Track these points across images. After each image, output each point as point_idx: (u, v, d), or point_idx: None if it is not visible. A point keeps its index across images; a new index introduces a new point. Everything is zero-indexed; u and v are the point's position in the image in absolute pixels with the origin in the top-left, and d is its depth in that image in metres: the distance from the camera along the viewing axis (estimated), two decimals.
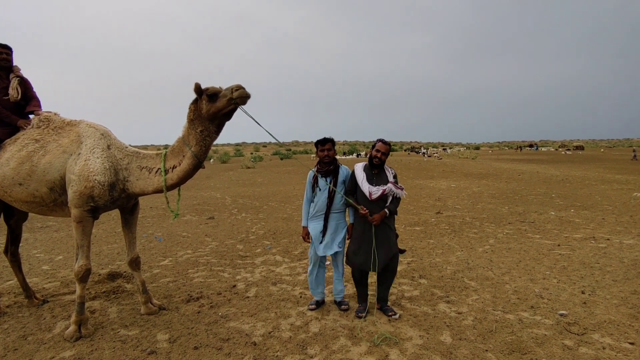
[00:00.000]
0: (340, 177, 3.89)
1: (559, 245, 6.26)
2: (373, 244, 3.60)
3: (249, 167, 28.47)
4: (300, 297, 4.25)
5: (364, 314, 3.68)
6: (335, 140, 3.97)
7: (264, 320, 3.68)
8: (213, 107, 3.21)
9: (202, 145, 3.32)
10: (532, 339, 3.27)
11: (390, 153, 3.89)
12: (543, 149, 57.15)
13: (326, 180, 3.85)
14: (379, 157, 3.68)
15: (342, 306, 3.89)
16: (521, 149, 58.47)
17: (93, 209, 3.40)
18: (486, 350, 3.09)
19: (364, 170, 3.74)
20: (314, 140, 3.96)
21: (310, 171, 4.04)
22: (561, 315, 3.69)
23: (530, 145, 60.52)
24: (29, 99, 3.92)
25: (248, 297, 4.29)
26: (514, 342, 3.20)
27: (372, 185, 3.64)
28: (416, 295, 4.24)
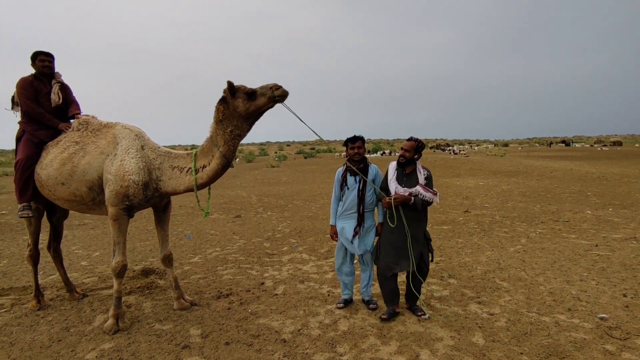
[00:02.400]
0: (370, 176, 3.86)
1: (596, 245, 5.99)
2: (408, 240, 3.52)
3: (273, 166, 28.76)
4: (328, 295, 4.26)
5: (386, 316, 3.58)
6: (357, 136, 3.95)
7: (292, 317, 3.71)
8: (253, 105, 3.26)
9: (230, 145, 3.38)
10: (570, 342, 3.15)
11: (424, 148, 3.74)
12: (577, 145, 54.73)
13: (355, 179, 3.84)
14: (403, 155, 3.60)
15: (371, 305, 3.87)
16: (550, 145, 56.24)
17: (128, 207, 3.53)
18: (521, 353, 3.00)
19: (396, 169, 3.69)
20: (337, 139, 3.95)
21: (339, 169, 4.04)
22: (601, 318, 3.53)
23: (564, 142, 57.98)
24: (69, 103, 4.11)
25: (276, 294, 4.34)
26: (551, 346, 3.09)
27: (401, 185, 3.57)
28: (446, 296, 4.17)
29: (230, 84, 3.25)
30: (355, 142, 3.81)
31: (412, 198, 3.48)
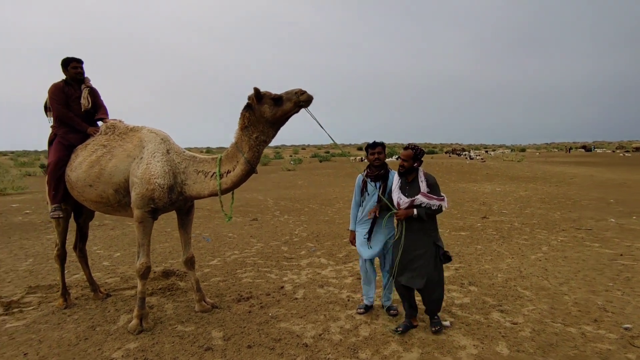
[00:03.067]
0: (390, 182, 3.86)
1: (621, 255, 5.84)
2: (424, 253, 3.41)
3: (289, 170, 28.88)
4: (348, 300, 4.26)
5: (401, 329, 3.48)
6: (367, 143, 3.97)
7: (313, 322, 3.72)
8: (280, 111, 3.32)
9: (255, 151, 3.44)
10: (596, 354, 3.08)
11: (423, 155, 3.61)
12: (598, 150, 53.37)
13: (375, 185, 3.84)
14: (402, 165, 3.51)
15: (391, 311, 3.86)
16: (570, 151, 54.98)
17: (153, 210, 3.60)
18: None
19: (400, 178, 3.62)
20: (351, 143, 3.97)
21: (359, 175, 4.05)
22: (625, 328, 3.45)
23: (584, 147, 56.46)
24: (97, 107, 4.23)
25: (296, 298, 4.36)
26: (577, 357, 3.03)
27: (404, 194, 3.48)
28: (467, 303, 4.12)
29: (256, 90, 3.31)
30: (375, 148, 3.82)
31: (415, 211, 3.37)
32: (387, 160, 4.03)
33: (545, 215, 9.30)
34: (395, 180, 3.61)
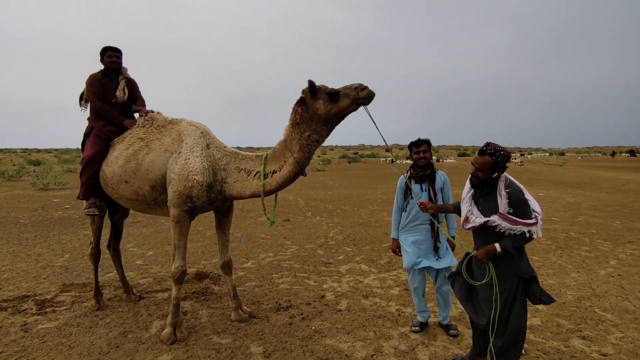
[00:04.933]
0: (437, 184, 3.43)
1: None
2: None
3: (319, 170, 28.59)
4: (399, 315, 3.82)
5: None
6: (398, 144, 3.50)
7: (362, 339, 3.32)
8: (335, 108, 2.96)
9: (306, 151, 3.08)
10: None
11: (507, 162, 2.57)
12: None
13: (421, 187, 3.40)
14: (475, 176, 2.59)
15: (451, 331, 3.39)
16: (614, 155, 51.67)
17: (190, 210, 3.31)
18: None
19: (472, 186, 2.72)
20: (380, 145, 3.52)
21: (402, 176, 3.62)
22: None
23: (631, 152, 52.88)
24: (135, 99, 4.01)
25: (340, 310, 3.96)
26: None
27: (477, 207, 2.61)
28: (538, 325, 3.59)
29: (311, 83, 2.95)
30: (419, 146, 3.40)
31: (498, 247, 2.45)
32: (396, 161, 3.52)
33: (603, 224, 8.47)
34: (467, 186, 2.74)
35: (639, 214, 10.07)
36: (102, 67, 3.94)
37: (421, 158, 3.39)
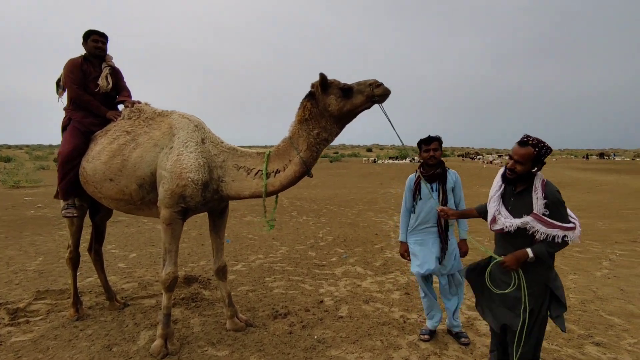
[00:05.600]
0: (449, 184, 3.25)
1: None
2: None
3: None
4: (404, 322, 3.63)
5: None
6: (379, 144, 3.32)
7: (370, 350, 3.11)
8: (348, 104, 2.74)
9: (314, 150, 2.86)
10: None
11: (548, 156, 2.38)
12: (618, 158, 51.97)
13: (432, 187, 3.23)
14: (513, 169, 2.30)
15: (462, 339, 3.22)
16: (588, 157, 53.61)
17: (183, 210, 3.02)
18: None
19: (504, 181, 2.45)
20: (360, 144, 3.31)
21: (411, 176, 3.44)
22: None
23: (601, 155, 54.99)
24: (119, 89, 3.67)
25: (341, 317, 3.75)
26: None
27: (507, 208, 2.38)
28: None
29: (322, 77, 2.72)
30: (430, 144, 3.21)
31: (530, 252, 2.22)
32: (403, 162, 3.33)
33: (588, 225, 8.58)
34: (495, 183, 2.47)
35: (618, 214, 10.30)
36: (83, 52, 3.58)
37: (431, 157, 3.21)
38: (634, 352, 3.07)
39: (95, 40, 3.50)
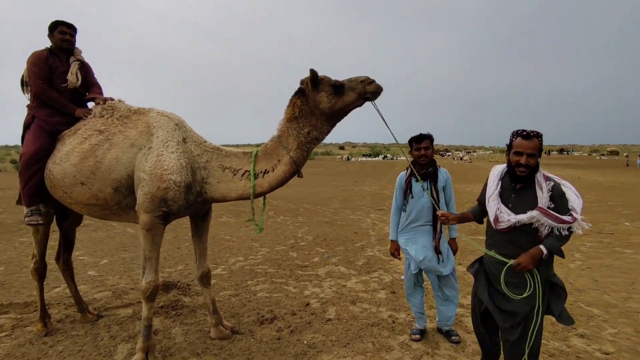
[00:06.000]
0: (440, 183, 3.24)
1: None
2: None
3: None
4: (393, 322, 3.59)
5: None
6: (350, 142, 3.29)
7: (362, 353, 3.04)
8: (340, 102, 2.66)
9: (304, 149, 2.76)
10: None
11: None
12: (575, 153, 55.00)
13: (423, 186, 3.20)
14: (527, 165, 2.24)
15: (453, 337, 3.21)
16: (549, 153, 56.44)
17: (165, 215, 2.84)
18: None
19: (502, 179, 2.44)
20: (332, 142, 3.27)
21: (401, 174, 3.41)
22: None
23: (561, 150, 58.07)
24: (89, 85, 3.41)
25: (329, 319, 3.66)
26: None
27: (507, 205, 2.33)
28: None
29: (313, 73, 2.62)
30: (421, 142, 3.18)
31: (544, 249, 2.20)
32: (376, 159, 3.30)
33: None
34: (492, 182, 2.46)
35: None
36: (49, 44, 3.30)
37: (422, 155, 3.17)
38: (615, 342, 3.17)
39: (62, 32, 3.23)
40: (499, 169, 2.53)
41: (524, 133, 2.28)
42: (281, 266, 5.44)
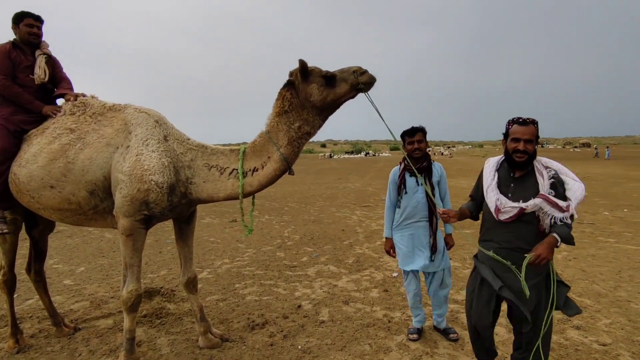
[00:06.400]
0: (434, 177, 3.15)
1: None
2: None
3: None
4: (389, 321, 3.49)
5: None
6: (332, 140, 3.16)
7: (360, 356, 2.92)
8: (332, 94, 2.52)
9: (295, 145, 2.61)
10: None
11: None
12: (550, 146, 56.76)
13: (417, 181, 3.10)
14: (525, 151, 2.22)
15: (450, 335, 3.13)
16: None
17: (146, 218, 2.64)
18: None
19: (498, 170, 2.39)
20: (314, 140, 3.13)
21: (395, 168, 3.31)
22: None
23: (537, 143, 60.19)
24: (58, 81, 3.15)
25: (323, 321, 3.53)
26: None
27: (507, 196, 2.27)
28: None
29: (302, 63, 2.47)
30: (414, 135, 3.08)
31: (559, 238, 2.10)
32: (359, 156, 3.18)
33: None
34: (488, 174, 2.40)
35: None
36: (13, 37, 3.03)
37: (416, 149, 3.07)
38: (611, 333, 3.17)
39: (29, 25, 2.96)
40: (493, 161, 2.48)
41: (520, 120, 2.26)
42: (269, 267, 5.28)
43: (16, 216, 3.05)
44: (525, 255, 2.13)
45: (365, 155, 38.12)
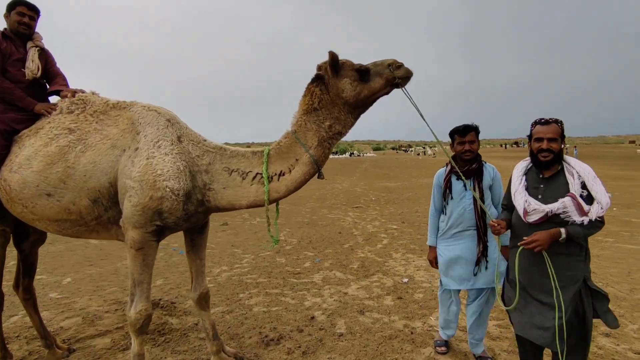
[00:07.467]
0: (486, 181, 2.81)
1: None
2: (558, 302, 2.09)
3: None
4: (411, 332, 3.31)
5: None
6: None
7: None
8: (366, 90, 2.31)
9: (326, 147, 2.39)
10: None
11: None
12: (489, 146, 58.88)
13: (464, 185, 2.78)
14: (550, 149, 2.17)
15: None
16: (506, 147, 59.58)
17: (159, 230, 2.36)
18: None
19: (526, 173, 2.33)
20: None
21: (440, 170, 3.01)
22: None
23: (516, 143, 61.77)
24: (51, 76, 2.83)
25: (341, 334, 3.32)
26: None
27: (536, 198, 2.20)
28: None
29: (333, 56, 2.26)
30: (465, 135, 2.74)
31: (563, 231, 2.06)
32: (343, 156, 2.89)
33: None
34: (515, 178, 2.33)
35: None
36: (4, 27, 2.69)
37: (467, 151, 2.75)
38: None
39: (21, 14, 2.63)
40: (521, 165, 2.41)
41: (542, 120, 2.26)
42: (272, 274, 5.04)
43: (5, 227, 2.71)
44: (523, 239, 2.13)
45: (350, 155, 38.11)
